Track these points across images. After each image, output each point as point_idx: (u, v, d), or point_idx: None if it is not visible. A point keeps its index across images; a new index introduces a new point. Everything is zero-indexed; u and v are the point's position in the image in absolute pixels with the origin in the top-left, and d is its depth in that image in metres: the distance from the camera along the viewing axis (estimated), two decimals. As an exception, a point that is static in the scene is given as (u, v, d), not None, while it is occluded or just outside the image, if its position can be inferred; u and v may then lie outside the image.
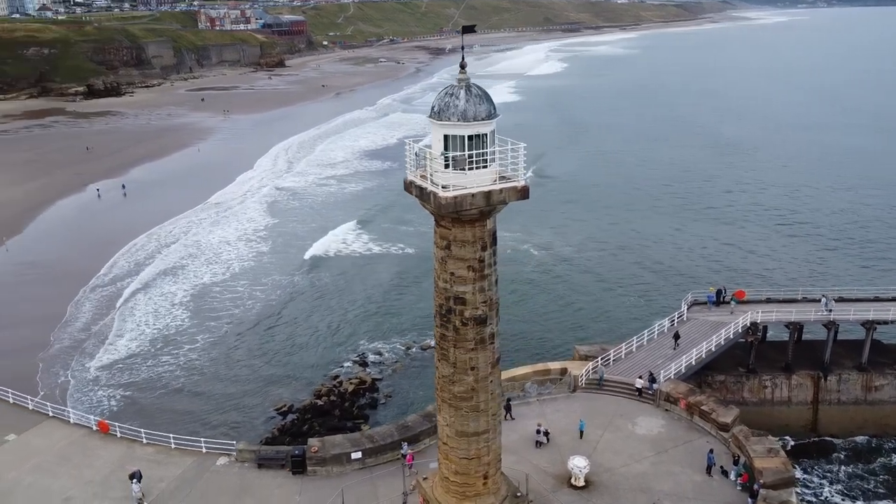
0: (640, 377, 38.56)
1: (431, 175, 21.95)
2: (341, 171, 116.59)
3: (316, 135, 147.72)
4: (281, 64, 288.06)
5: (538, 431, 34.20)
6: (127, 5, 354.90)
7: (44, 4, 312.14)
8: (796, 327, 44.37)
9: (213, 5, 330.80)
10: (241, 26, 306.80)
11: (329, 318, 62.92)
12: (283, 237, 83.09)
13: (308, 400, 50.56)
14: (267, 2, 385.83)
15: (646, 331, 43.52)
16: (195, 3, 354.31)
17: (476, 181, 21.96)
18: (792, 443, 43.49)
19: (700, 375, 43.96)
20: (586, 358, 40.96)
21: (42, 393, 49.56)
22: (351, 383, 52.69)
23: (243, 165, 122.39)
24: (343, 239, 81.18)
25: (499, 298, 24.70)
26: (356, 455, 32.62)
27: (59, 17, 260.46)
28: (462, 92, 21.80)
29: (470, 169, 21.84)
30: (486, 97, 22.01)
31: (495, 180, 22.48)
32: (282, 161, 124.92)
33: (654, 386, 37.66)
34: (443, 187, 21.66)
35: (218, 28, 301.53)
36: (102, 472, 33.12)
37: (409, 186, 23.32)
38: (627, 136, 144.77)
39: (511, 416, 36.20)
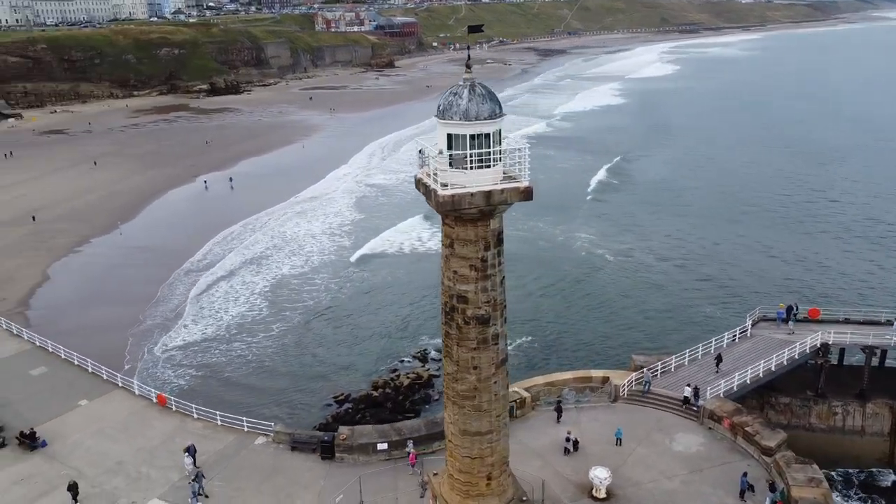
0: (689, 385, 37.07)
1: (435, 173, 22.19)
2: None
3: (411, 133, 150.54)
4: (391, 65, 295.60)
5: (567, 439, 33.59)
6: (253, 8, 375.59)
7: (179, 8, 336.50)
8: (874, 352, 40.94)
9: (331, 8, 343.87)
10: (355, 28, 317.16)
11: (397, 313, 64.20)
12: (365, 232, 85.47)
13: (365, 391, 51.95)
14: (382, 4, 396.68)
15: (700, 344, 41.58)
16: (315, 5, 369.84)
17: (478, 180, 22.02)
18: (863, 476, 40.28)
19: (762, 396, 41.60)
20: (641, 368, 39.61)
21: (127, 367, 54.04)
22: (407, 377, 53.65)
23: (339, 161, 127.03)
24: (419, 236, 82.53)
25: (505, 300, 24.57)
26: (382, 446, 33.36)
27: (191, 20, 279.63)
28: (465, 91, 21.94)
29: (472, 168, 21.94)
30: (490, 97, 22.02)
31: (500, 180, 22.45)
32: (376, 158, 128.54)
33: (700, 402, 36.00)
34: (443, 185, 21.91)
35: (333, 30, 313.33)
36: (154, 441, 35.70)
37: (418, 184, 23.73)
38: (725, 142, 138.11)
39: (559, 419, 35.81)
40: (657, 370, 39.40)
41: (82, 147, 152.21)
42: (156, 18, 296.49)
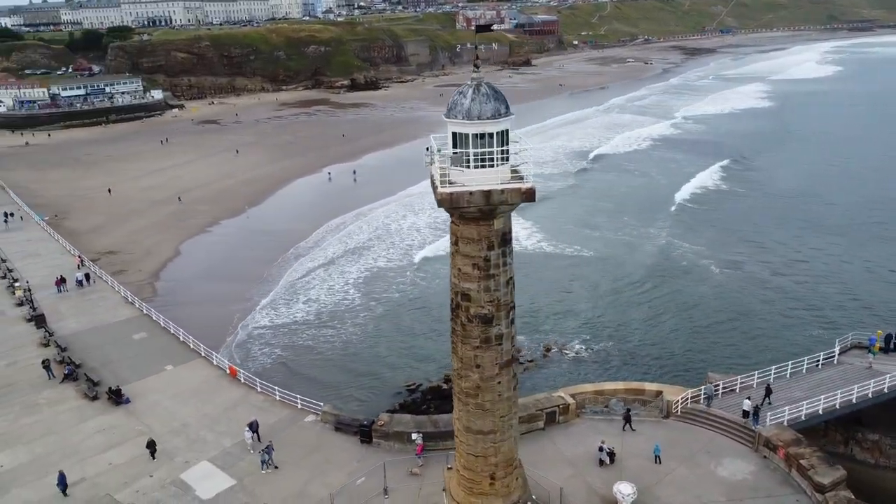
0: (750, 398, 34.81)
1: (442, 171, 22.55)
2: (540, 170, 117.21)
3: (529, 132, 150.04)
4: (527, 63, 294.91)
5: (601, 449, 32.61)
6: (400, 7, 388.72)
7: (330, 8, 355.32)
8: (984, 393, 36.06)
9: (474, 6, 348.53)
10: (495, 26, 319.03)
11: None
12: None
13: (436, 382, 52.90)
14: (524, 2, 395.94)
15: (774, 367, 38.59)
16: (459, 3, 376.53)
17: (478, 179, 22.13)
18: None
19: (847, 430, 38.07)
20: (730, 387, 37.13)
21: (228, 340, 58.71)
22: (479, 374, 54.05)
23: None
24: (516, 235, 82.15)
25: (512, 300, 24.45)
26: (416, 436, 34.10)
27: (338, 19, 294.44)
28: (470, 91, 22.12)
29: (474, 167, 22.09)
30: (495, 97, 22.03)
31: (507, 180, 22.41)
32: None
33: (756, 426, 33.58)
34: (450, 183, 22.24)
35: (473, 28, 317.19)
36: (218, 409, 38.77)
37: (432, 180, 24.19)
38: (875, 155, 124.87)
39: (632, 427, 34.89)
40: (720, 387, 37.14)
41: (229, 136, 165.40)
42: (308, 17, 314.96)
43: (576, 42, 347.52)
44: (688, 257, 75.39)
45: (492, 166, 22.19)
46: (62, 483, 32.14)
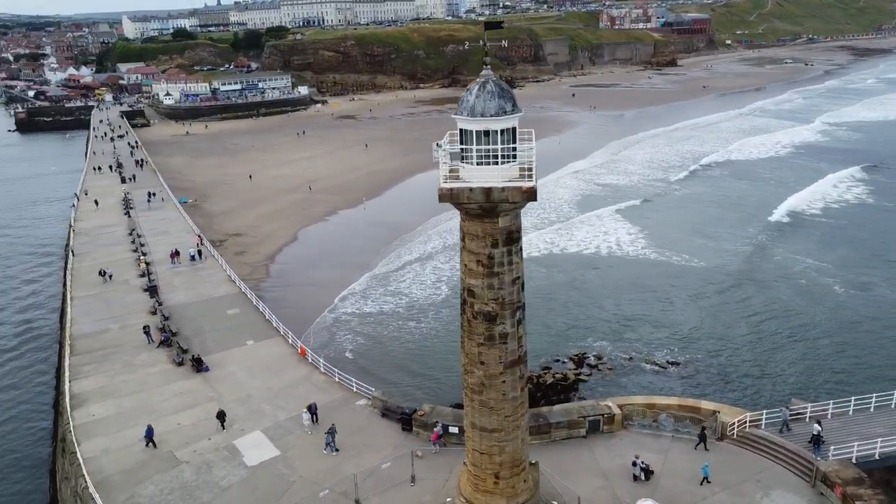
0: (819, 423, 31.98)
1: (448, 166, 22.87)
2: (662, 175, 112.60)
3: (652, 135, 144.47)
4: (672, 63, 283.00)
5: (634, 464, 31.29)
6: (545, 7, 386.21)
7: (473, 7, 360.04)
8: None
9: (619, 5, 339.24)
10: (640, 25, 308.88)
11: (571, 312, 63.45)
12: (566, 230, 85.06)
13: (508, 382, 52.93)
14: (674, 0, 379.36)
15: (853, 398, 34.98)
16: (605, 2, 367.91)
17: (484, 176, 22.21)
18: None
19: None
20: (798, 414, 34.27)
21: (315, 322, 61.99)
22: (553, 376, 53.36)
23: (576, 157, 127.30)
24: (618, 239, 79.79)
25: (519, 300, 24.23)
26: (454, 429, 34.48)
27: (479, 19, 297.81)
28: (476, 88, 22.24)
29: (478, 163, 22.20)
30: (501, 94, 21.97)
31: (514, 178, 22.31)
32: (613, 157, 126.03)
33: (818, 456, 30.74)
34: (457, 178, 22.53)
35: (617, 27, 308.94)
36: (282, 384, 41.30)
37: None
38: None
39: (706, 447, 33.08)
40: (796, 413, 34.32)
41: (363, 131, 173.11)
42: (450, 17, 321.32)
43: (729, 41, 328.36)
44: (808, 275, 69.65)
45: (495, 163, 22.15)
46: (149, 435, 35.68)
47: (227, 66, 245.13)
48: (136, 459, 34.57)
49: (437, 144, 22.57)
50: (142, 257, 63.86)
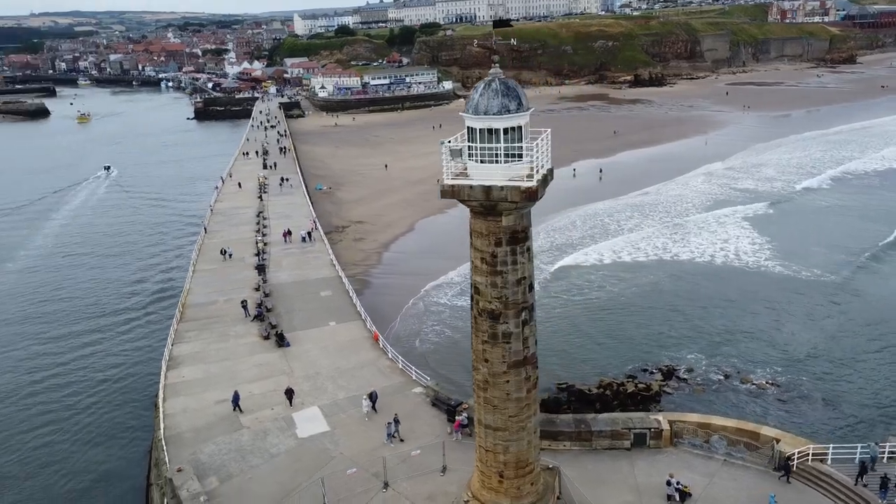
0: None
1: (451, 163, 23.20)
2: (803, 182, 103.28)
3: (804, 137, 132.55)
4: (850, 60, 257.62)
5: (668, 483, 29.72)
6: (708, 0, 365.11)
7: (629, 2, 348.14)
8: None
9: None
10: (816, 18, 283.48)
11: (672, 321, 60.70)
12: (691, 237, 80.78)
13: (587, 386, 51.80)
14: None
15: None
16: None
17: (487, 174, 22.30)
18: None
19: None
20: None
21: (404, 309, 64.09)
22: (636, 386, 51.52)
23: (717, 157, 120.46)
24: (737, 248, 74.64)
25: (524, 301, 24.00)
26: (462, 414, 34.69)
27: (634, 14, 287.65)
28: (482, 86, 22.33)
29: (480, 161, 22.34)
30: (505, 93, 21.88)
31: (511, 177, 22.23)
32: (755, 159, 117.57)
33: (882, 499, 27.58)
34: (461, 176, 22.83)
35: (787, 21, 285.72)
36: (349, 365, 43.39)
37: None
38: None
39: (789, 479, 30.69)
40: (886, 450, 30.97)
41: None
42: (603, 12, 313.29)
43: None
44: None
45: (497, 161, 22.14)
46: (235, 400, 39.14)
47: (380, 61, 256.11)
48: (207, 420, 38.04)
49: (442, 142, 22.94)
50: (259, 238, 69.20)
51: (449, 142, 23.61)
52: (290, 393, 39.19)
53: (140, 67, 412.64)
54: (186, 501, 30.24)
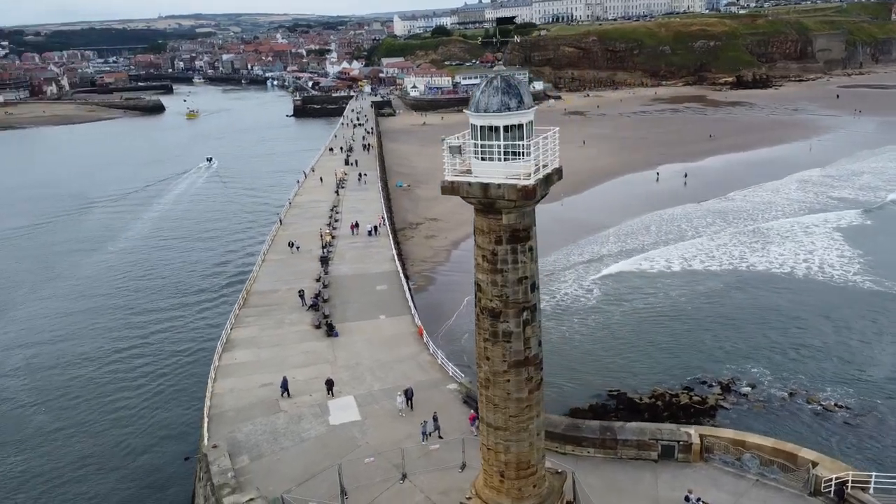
0: None
1: (453, 160, 23.30)
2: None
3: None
4: None
5: (687, 499, 28.51)
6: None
7: (734, 1, 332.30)
8: None
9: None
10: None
11: (744, 333, 58.04)
12: (775, 246, 76.64)
13: (639, 395, 50.50)
14: None
15: None
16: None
17: (488, 172, 22.30)
18: None
19: None
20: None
21: (461, 308, 64.32)
22: (689, 398, 49.69)
23: (816, 164, 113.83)
24: (822, 261, 70.04)
25: (526, 301, 23.75)
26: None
27: (740, 12, 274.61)
28: (483, 83, 22.29)
29: (481, 159, 22.36)
30: (506, 90, 21.74)
31: (510, 175, 22.11)
32: (858, 166, 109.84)
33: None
34: (464, 173, 22.96)
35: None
36: (390, 358, 44.16)
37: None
38: None
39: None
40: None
41: (586, 128, 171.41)
42: (707, 10, 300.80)
43: None
44: None
45: (497, 160, 22.07)
46: (284, 386, 40.89)
47: (473, 61, 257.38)
48: (250, 401, 39.85)
49: (443, 139, 23.11)
50: (328, 230, 71.48)
51: (443, 139, 23.75)
52: (329, 383, 40.27)
53: (249, 67, 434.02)
54: (216, 476, 31.86)
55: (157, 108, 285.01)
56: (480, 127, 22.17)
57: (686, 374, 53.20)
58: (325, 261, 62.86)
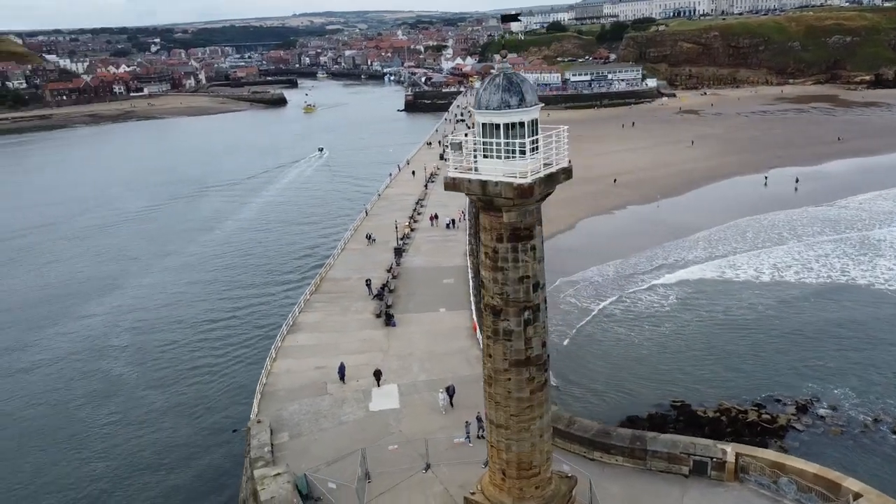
0: None
1: (463, 158, 23.52)
2: None
3: None
4: None
5: (706, 518, 27.17)
6: None
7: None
8: None
9: None
10: None
11: (832, 352, 54.28)
12: (858, 261, 70.49)
13: (704, 408, 48.53)
14: None
15: None
16: None
17: (488, 169, 22.37)
18: None
19: None
20: None
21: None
22: (758, 415, 47.02)
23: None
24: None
25: (527, 300, 23.57)
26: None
27: (885, 5, 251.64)
28: (487, 80, 22.31)
29: (483, 156, 22.46)
30: (507, 88, 21.64)
31: (508, 173, 22.05)
32: None
33: None
34: (468, 170, 23.18)
35: None
36: (441, 351, 44.63)
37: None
38: None
39: None
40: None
41: (698, 127, 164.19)
42: (847, 3, 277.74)
43: None
44: None
45: (498, 157, 22.09)
46: (341, 372, 42.78)
47: (586, 57, 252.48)
48: (301, 382, 41.75)
49: (446, 136, 23.35)
50: (406, 223, 73.07)
51: (445, 135, 23.94)
52: (378, 374, 41.28)
53: (369, 62, 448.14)
54: (253, 449, 33.82)
55: (280, 102, 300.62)
56: (483, 124, 22.26)
57: (760, 390, 50.44)
58: (398, 252, 64.36)
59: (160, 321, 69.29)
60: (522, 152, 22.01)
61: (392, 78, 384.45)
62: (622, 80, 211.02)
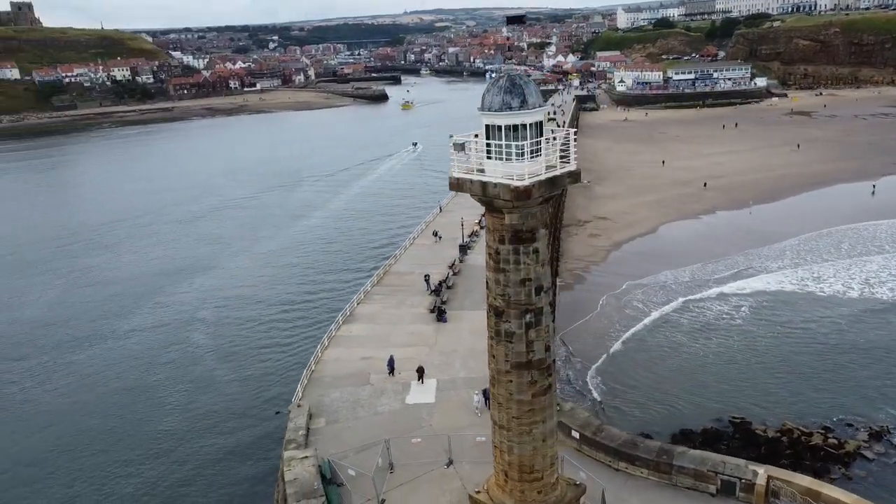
0: None
1: (470, 159, 23.66)
2: None
3: None
4: None
5: (721, 541, 25.95)
6: None
7: None
8: None
9: None
10: None
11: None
12: None
13: (764, 427, 46.21)
14: None
15: None
16: None
17: (490, 170, 22.42)
18: None
19: None
20: None
21: (599, 305, 63.25)
22: (824, 439, 44.16)
23: None
24: None
25: (529, 303, 23.39)
26: (575, 434, 33.47)
27: None
28: (491, 81, 22.32)
29: (488, 157, 22.53)
30: (509, 90, 21.54)
31: (507, 175, 21.99)
32: None
33: None
34: (480, 171, 23.34)
35: None
36: (483, 348, 44.76)
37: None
38: None
39: None
40: None
41: (806, 130, 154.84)
42: None
43: None
44: None
45: (499, 159, 22.08)
46: (391, 364, 43.95)
47: (693, 55, 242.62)
48: (347, 371, 43.13)
49: (451, 136, 23.56)
50: (477, 220, 73.34)
51: (451, 136, 24.11)
52: (420, 371, 41.79)
53: (472, 59, 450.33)
54: (289, 432, 35.44)
55: (382, 98, 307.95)
56: (487, 125, 22.33)
57: (830, 413, 47.37)
58: (463, 249, 64.83)
59: (242, 300, 74.60)
60: (522, 154, 21.90)
61: (493, 75, 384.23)
62: (728, 78, 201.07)
